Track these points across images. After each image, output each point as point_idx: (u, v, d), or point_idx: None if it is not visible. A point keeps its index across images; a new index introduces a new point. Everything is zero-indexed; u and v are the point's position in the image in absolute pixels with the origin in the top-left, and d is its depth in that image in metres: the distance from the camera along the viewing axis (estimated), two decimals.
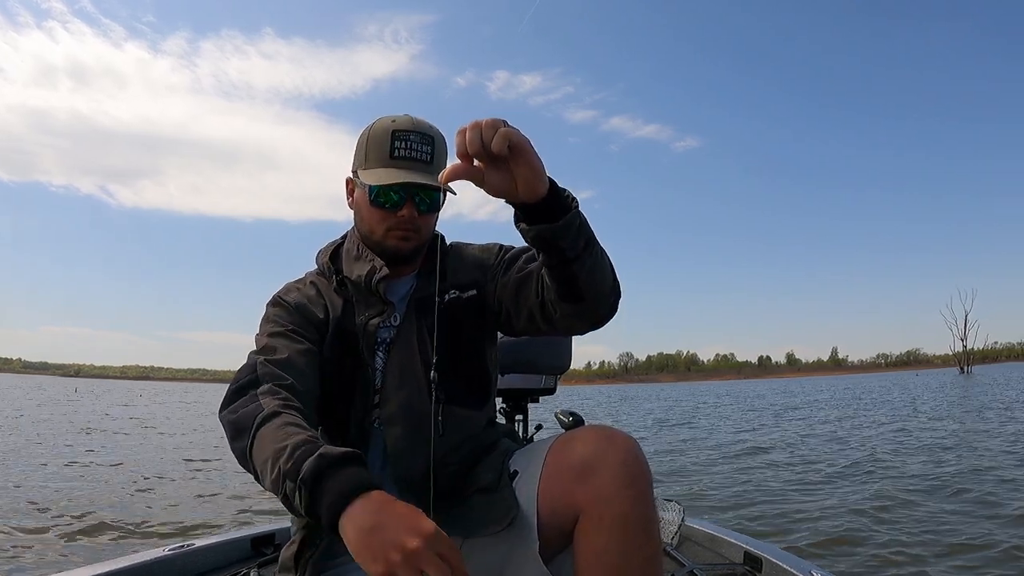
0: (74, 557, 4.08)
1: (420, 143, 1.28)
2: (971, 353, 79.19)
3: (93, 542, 4.47)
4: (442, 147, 1.33)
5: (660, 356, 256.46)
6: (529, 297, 1.25)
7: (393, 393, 1.28)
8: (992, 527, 4.42)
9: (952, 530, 4.40)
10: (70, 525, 4.86)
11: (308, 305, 1.34)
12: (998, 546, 3.95)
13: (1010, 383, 30.92)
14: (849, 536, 4.38)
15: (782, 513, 5.16)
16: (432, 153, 1.29)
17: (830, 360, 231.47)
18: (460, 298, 1.36)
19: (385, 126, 1.29)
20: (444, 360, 1.27)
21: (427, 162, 1.29)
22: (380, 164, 1.28)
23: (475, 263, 1.41)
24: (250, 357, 1.25)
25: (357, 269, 1.34)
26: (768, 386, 61.63)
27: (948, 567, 3.68)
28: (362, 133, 1.35)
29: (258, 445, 1.06)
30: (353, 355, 1.30)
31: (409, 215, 1.28)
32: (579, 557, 1.08)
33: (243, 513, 5.54)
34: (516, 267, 1.31)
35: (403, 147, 1.27)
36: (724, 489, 6.35)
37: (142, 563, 1.81)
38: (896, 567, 3.71)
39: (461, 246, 1.48)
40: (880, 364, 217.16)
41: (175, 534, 4.68)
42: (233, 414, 1.14)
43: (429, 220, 1.34)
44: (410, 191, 1.28)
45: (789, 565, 1.93)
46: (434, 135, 1.31)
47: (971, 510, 4.93)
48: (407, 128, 1.29)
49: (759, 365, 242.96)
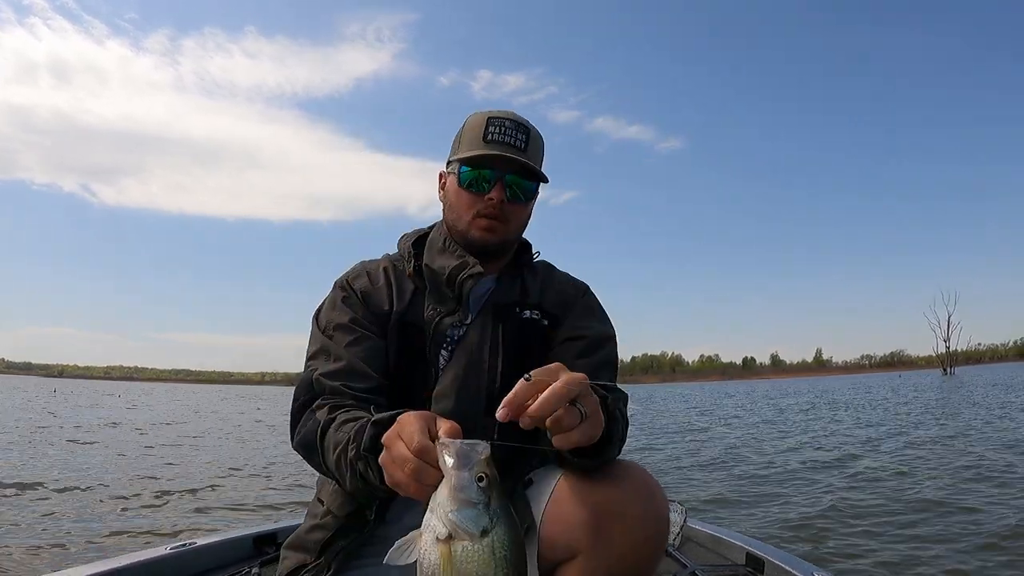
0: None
1: (515, 129, 1.28)
2: (954, 355, 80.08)
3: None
4: (537, 141, 1.32)
5: (645, 357, 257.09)
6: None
7: (450, 392, 1.24)
8: (991, 527, 4.43)
9: (951, 531, 4.41)
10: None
11: (373, 294, 1.31)
12: (1004, 551, 3.92)
13: (995, 384, 31.28)
14: (848, 536, 4.39)
15: (781, 514, 5.17)
16: (527, 142, 1.29)
17: (814, 361, 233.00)
18: (538, 323, 1.33)
19: (481, 114, 1.31)
20: (509, 377, 1.22)
21: (521, 149, 1.27)
22: (474, 147, 1.27)
23: (559, 295, 1.39)
24: (306, 367, 1.25)
25: (441, 260, 1.30)
26: (752, 387, 61.93)
27: (949, 568, 3.68)
28: (459, 129, 1.35)
29: (327, 455, 1.08)
30: (416, 349, 1.27)
31: (498, 198, 1.26)
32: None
33: (243, 512, 5.53)
34: (562, 356, 1.22)
35: (498, 131, 1.27)
36: (719, 487, 6.36)
37: (143, 561, 1.80)
38: (898, 569, 3.72)
39: (552, 269, 1.46)
40: (864, 365, 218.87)
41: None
42: (299, 436, 1.17)
43: (519, 211, 1.31)
44: (501, 174, 1.26)
45: (791, 567, 1.93)
46: (530, 128, 1.30)
47: (971, 510, 4.95)
48: (503, 116, 1.30)
49: (743, 366, 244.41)
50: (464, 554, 0.77)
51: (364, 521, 1.22)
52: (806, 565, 1.96)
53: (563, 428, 0.84)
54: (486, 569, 0.77)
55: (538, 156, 1.32)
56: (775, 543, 2.73)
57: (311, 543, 1.24)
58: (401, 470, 0.82)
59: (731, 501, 5.83)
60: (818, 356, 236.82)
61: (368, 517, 1.22)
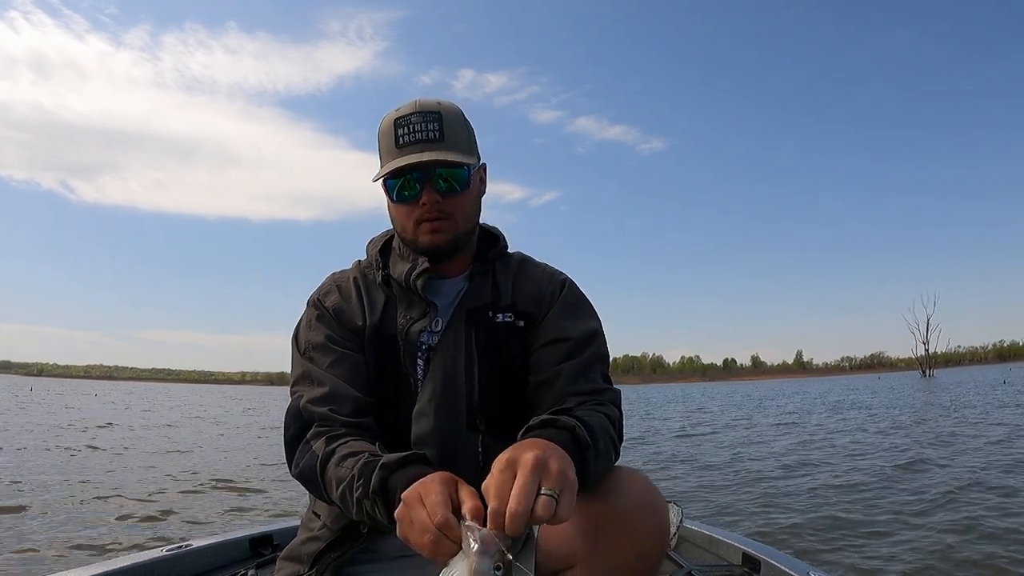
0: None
1: (424, 122, 1.19)
2: (934, 357, 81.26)
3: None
4: (453, 119, 1.22)
5: (626, 358, 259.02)
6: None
7: (429, 411, 1.20)
8: (990, 527, 4.46)
9: (950, 532, 4.43)
10: None
11: (346, 310, 1.27)
12: (999, 556, 3.92)
13: (970, 386, 31.74)
14: (847, 537, 4.42)
15: (780, 514, 5.20)
16: (440, 129, 1.19)
17: (795, 363, 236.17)
18: (512, 325, 1.27)
19: (388, 118, 1.23)
20: (488, 387, 1.20)
21: (436, 139, 1.19)
22: (390, 156, 1.20)
23: (534, 292, 1.31)
24: (292, 394, 1.22)
25: (399, 267, 1.27)
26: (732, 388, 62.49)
27: (948, 568, 3.70)
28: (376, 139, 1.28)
29: (330, 490, 1.08)
30: (393, 362, 1.23)
31: (430, 200, 1.19)
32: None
33: (241, 513, 5.49)
34: (547, 361, 1.23)
35: (407, 132, 1.19)
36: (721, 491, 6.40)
37: (140, 563, 1.79)
38: (895, 568, 3.73)
39: (527, 264, 1.38)
40: (844, 367, 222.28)
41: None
42: (298, 469, 1.16)
43: (458, 202, 1.23)
44: (426, 174, 1.19)
45: (787, 566, 1.92)
46: (441, 110, 1.21)
47: (968, 510, 4.98)
48: (408, 112, 1.20)
49: (724, 368, 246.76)
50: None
51: (358, 534, 1.21)
52: (802, 564, 1.96)
53: (545, 519, 0.79)
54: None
55: (459, 137, 1.22)
56: (771, 543, 2.72)
57: (305, 555, 1.23)
58: (420, 537, 0.82)
59: (727, 502, 5.85)
60: (798, 358, 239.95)
61: (362, 531, 1.21)
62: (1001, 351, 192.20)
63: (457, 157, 1.19)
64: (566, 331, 1.24)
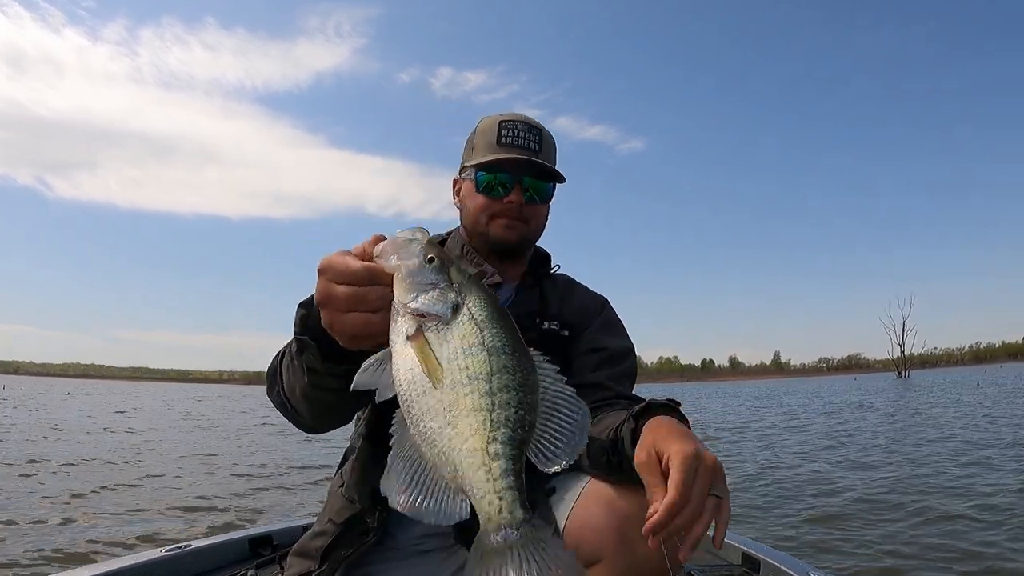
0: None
1: (528, 132, 1.31)
2: (910, 358, 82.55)
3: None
4: (550, 142, 1.36)
5: None
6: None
7: None
8: (989, 527, 4.50)
9: (951, 530, 4.48)
10: None
11: None
12: (995, 557, 3.94)
13: (947, 387, 32.29)
14: (846, 537, 4.43)
15: (778, 514, 5.23)
16: (540, 143, 1.32)
17: (772, 364, 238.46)
18: (557, 334, 1.35)
19: (492, 118, 1.34)
20: None
21: (535, 151, 1.31)
22: (488, 152, 1.29)
23: (580, 306, 1.43)
24: None
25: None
26: (712, 389, 63.03)
27: (946, 567, 3.71)
28: (469, 134, 1.37)
29: (285, 377, 1.03)
30: None
31: (518, 201, 1.29)
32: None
33: (241, 514, 5.45)
34: (586, 366, 1.33)
35: (511, 135, 1.30)
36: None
37: (139, 564, 1.81)
38: (894, 568, 3.74)
39: (571, 280, 1.51)
40: (822, 368, 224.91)
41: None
42: (267, 383, 1.12)
43: (538, 211, 1.34)
44: (518, 177, 1.28)
45: (787, 566, 1.95)
46: (543, 129, 1.34)
47: (966, 511, 5.02)
48: (515, 119, 1.32)
49: (702, 368, 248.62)
50: (442, 336, 0.66)
51: (365, 529, 1.22)
52: (802, 565, 1.98)
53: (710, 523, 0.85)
54: (473, 338, 0.66)
55: (551, 157, 1.35)
56: (771, 543, 2.70)
57: (313, 550, 1.25)
58: (346, 304, 0.73)
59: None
60: (776, 359, 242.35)
61: (370, 525, 1.22)
62: (977, 353, 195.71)
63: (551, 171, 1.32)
64: (605, 343, 1.38)
